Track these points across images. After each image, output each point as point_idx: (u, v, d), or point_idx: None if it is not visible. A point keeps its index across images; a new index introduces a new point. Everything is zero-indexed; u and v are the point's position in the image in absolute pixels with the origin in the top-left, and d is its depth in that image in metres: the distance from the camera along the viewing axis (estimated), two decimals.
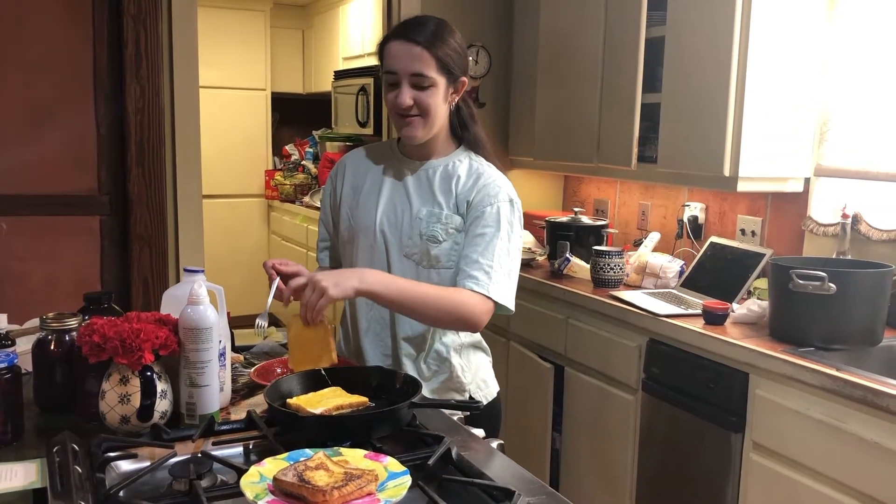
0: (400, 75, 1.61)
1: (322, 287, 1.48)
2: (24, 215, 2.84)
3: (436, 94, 1.63)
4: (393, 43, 1.62)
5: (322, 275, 1.51)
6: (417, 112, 1.63)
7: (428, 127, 1.66)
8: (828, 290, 1.99)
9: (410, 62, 1.60)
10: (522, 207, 1.75)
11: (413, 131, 1.65)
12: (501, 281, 1.63)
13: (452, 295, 1.60)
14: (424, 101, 1.62)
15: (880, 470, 1.76)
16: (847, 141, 2.48)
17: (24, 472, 1.20)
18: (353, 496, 1.02)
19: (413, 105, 1.62)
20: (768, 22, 2.41)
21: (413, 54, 1.60)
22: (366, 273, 1.56)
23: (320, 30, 5.89)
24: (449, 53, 1.62)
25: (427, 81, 1.61)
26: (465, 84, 1.69)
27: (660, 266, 2.76)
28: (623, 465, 2.57)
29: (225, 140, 5.71)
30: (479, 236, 1.65)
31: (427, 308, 1.58)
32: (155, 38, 2.90)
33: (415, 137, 1.67)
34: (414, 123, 1.64)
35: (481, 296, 1.60)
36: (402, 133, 1.68)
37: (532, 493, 1.14)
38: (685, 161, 2.64)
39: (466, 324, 1.62)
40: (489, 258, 1.63)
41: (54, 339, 1.45)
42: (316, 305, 1.48)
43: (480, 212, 1.66)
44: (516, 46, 3.61)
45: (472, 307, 1.60)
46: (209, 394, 1.37)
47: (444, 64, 1.62)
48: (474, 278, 1.61)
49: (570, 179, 3.82)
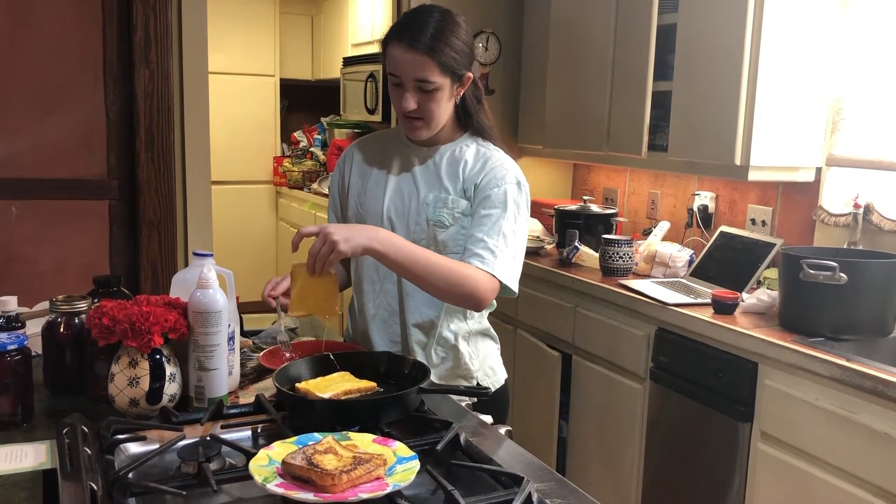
0: (403, 80, 1.60)
1: (333, 240, 1.45)
2: (33, 199, 2.85)
3: (440, 97, 1.62)
4: (395, 48, 1.59)
5: (334, 227, 1.49)
6: (420, 115, 1.63)
7: (433, 128, 1.66)
8: (839, 281, 1.98)
9: (413, 69, 1.58)
10: (531, 195, 1.74)
11: (417, 133, 1.66)
12: (507, 261, 1.62)
13: (460, 268, 1.58)
14: (429, 105, 1.61)
15: (889, 460, 1.76)
16: (859, 130, 2.46)
17: (34, 453, 1.21)
18: (361, 480, 1.02)
19: (417, 108, 1.61)
20: (781, 10, 2.38)
21: (416, 62, 1.57)
22: (378, 232, 1.54)
23: (329, 16, 5.87)
24: (453, 55, 1.59)
25: (431, 86, 1.59)
26: (471, 78, 1.67)
27: (669, 255, 2.75)
28: (630, 454, 2.57)
29: (233, 126, 5.71)
30: (486, 216, 1.64)
31: (432, 276, 1.55)
32: (164, 23, 2.90)
33: (420, 137, 1.68)
34: (419, 126, 1.65)
35: (487, 274, 1.59)
36: (406, 131, 1.69)
37: (540, 480, 1.13)
38: (696, 149, 2.62)
39: (471, 299, 1.59)
40: (495, 238, 1.61)
41: (64, 321, 1.45)
42: (326, 258, 1.46)
43: (487, 193, 1.65)
44: (527, 33, 3.59)
45: (477, 282, 1.57)
46: (218, 377, 1.37)
47: (447, 67, 1.59)
48: (479, 256, 1.60)
49: (580, 167, 3.81)
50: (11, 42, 2.76)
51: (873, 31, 2.41)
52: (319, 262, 1.47)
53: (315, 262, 1.47)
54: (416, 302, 1.71)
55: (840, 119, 2.51)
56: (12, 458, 1.19)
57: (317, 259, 1.47)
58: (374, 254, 1.51)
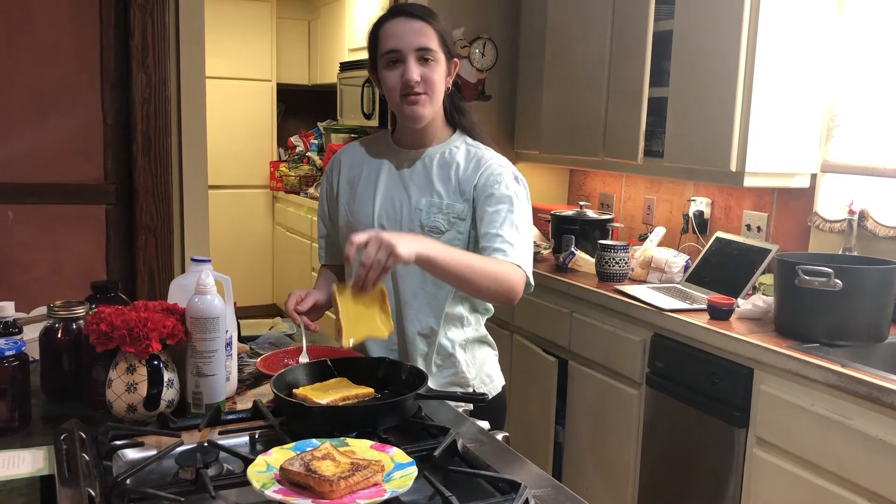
0: (404, 52, 1.59)
1: (390, 244, 1.34)
2: (30, 203, 2.85)
3: (439, 70, 1.63)
4: (391, 22, 1.62)
5: (384, 233, 1.38)
6: (424, 90, 1.61)
7: (433, 105, 1.64)
8: (834, 287, 1.99)
9: (414, 37, 1.59)
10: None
11: (421, 109, 1.62)
12: (525, 253, 1.60)
13: (496, 264, 1.54)
14: (430, 76, 1.61)
15: (884, 466, 1.76)
16: (854, 137, 2.47)
17: (31, 459, 1.21)
18: (359, 486, 1.03)
19: (421, 81, 1.60)
20: (777, 16, 2.40)
21: (415, 29, 1.59)
22: (419, 238, 1.49)
23: (326, 21, 5.88)
24: (445, 28, 1.65)
25: (432, 55, 1.61)
26: (458, 66, 1.70)
27: (665, 261, 2.76)
28: (626, 459, 2.57)
29: (230, 130, 5.72)
30: (495, 213, 1.61)
31: (477, 276, 1.50)
32: (162, 27, 2.90)
33: (423, 116, 1.63)
34: (421, 101, 1.61)
35: (515, 265, 1.56)
36: (406, 113, 1.63)
37: (537, 485, 1.14)
38: (691, 156, 2.63)
39: (508, 294, 1.55)
40: (509, 231, 1.59)
41: (62, 327, 1.45)
42: (383, 266, 1.35)
43: (489, 192, 1.64)
44: (523, 39, 3.60)
45: (512, 276, 1.54)
46: (216, 383, 1.37)
47: (443, 39, 1.63)
48: (501, 251, 1.56)
49: (576, 173, 3.82)
50: (8, 46, 2.76)
51: (868, 38, 2.43)
52: (375, 271, 1.35)
53: (370, 271, 1.35)
54: (413, 310, 1.70)
55: (835, 125, 2.52)
56: (10, 464, 1.19)
57: (372, 268, 1.35)
58: (426, 259, 1.42)
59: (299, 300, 1.67)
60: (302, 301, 1.67)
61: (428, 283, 1.68)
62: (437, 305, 1.69)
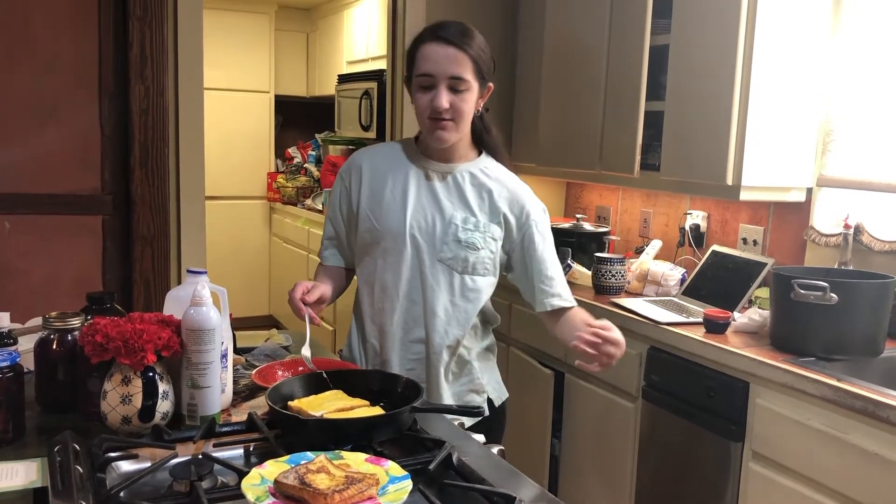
0: (437, 78, 1.61)
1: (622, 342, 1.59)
2: (27, 214, 2.84)
3: (470, 99, 1.65)
4: (428, 45, 1.62)
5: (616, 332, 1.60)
6: (451, 116, 1.63)
7: (459, 132, 1.67)
8: (829, 301, 1.99)
9: (448, 65, 1.60)
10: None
11: (446, 135, 1.65)
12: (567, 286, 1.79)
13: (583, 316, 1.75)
14: (460, 105, 1.63)
15: (881, 481, 1.76)
16: (850, 151, 2.48)
17: (24, 471, 1.20)
18: (354, 500, 1.02)
19: (449, 108, 1.62)
20: (773, 31, 2.41)
21: (450, 56, 1.60)
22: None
23: (324, 33, 5.90)
24: (482, 56, 1.65)
25: (464, 85, 1.62)
26: (491, 90, 1.70)
27: (661, 274, 2.77)
28: (622, 472, 2.57)
29: (228, 142, 5.73)
30: (538, 251, 1.74)
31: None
32: (160, 39, 2.91)
33: (447, 141, 1.66)
34: (448, 127, 1.64)
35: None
36: (432, 136, 1.66)
37: (533, 499, 1.14)
38: (688, 169, 2.64)
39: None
40: (555, 271, 1.76)
41: (57, 338, 1.45)
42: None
43: (528, 226, 1.73)
44: (521, 52, 3.62)
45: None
46: (211, 395, 1.37)
47: (478, 67, 1.63)
48: (559, 296, 1.75)
49: (573, 186, 3.83)
50: (7, 57, 2.76)
51: (864, 54, 2.44)
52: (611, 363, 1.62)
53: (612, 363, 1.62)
54: (443, 322, 1.70)
55: (831, 140, 2.53)
56: (3, 476, 1.18)
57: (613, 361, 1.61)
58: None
59: (306, 290, 1.64)
60: (309, 292, 1.64)
61: (457, 297, 1.69)
62: (465, 319, 1.71)
